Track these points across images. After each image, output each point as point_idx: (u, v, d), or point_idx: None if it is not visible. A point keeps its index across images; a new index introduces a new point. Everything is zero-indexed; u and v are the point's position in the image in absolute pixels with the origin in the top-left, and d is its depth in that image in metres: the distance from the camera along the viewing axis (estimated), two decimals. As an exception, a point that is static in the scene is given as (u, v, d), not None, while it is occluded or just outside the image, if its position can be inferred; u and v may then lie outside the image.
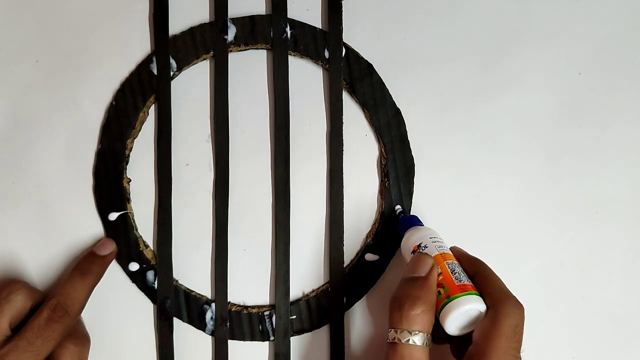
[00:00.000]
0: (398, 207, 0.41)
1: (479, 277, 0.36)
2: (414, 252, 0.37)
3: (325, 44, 0.42)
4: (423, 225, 0.40)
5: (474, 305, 0.34)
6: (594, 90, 0.43)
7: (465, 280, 0.35)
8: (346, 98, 0.42)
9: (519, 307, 0.34)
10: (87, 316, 0.41)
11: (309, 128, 0.42)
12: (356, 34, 0.42)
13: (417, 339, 0.33)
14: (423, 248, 0.37)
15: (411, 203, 0.42)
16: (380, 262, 0.42)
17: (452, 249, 0.38)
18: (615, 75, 0.43)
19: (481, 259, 0.37)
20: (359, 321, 0.42)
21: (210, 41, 0.42)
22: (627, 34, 0.43)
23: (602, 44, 0.43)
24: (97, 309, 0.41)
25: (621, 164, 0.42)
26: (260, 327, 0.41)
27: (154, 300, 0.41)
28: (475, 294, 0.34)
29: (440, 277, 0.35)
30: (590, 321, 0.42)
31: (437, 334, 0.35)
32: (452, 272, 0.35)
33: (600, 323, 0.42)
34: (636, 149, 0.43)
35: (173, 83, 0.42)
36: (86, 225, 0.42)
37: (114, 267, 0.41)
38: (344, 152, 0.42)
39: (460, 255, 0.37)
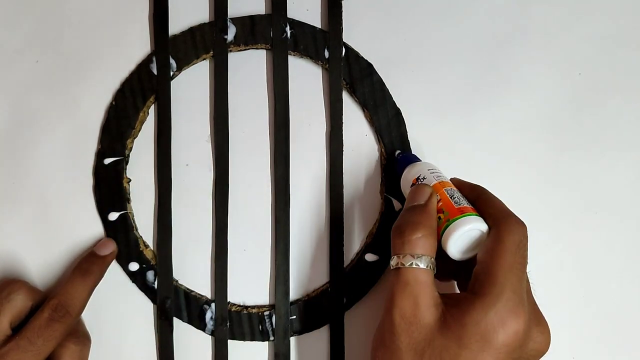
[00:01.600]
0: (398, 151, 0.41)
1: (479, 200, 0.35)
2: (413, 185, 0.37)
3: (325, 43, 0.42)
4: (421, 161, 0.39)
5: (474, 225, 0.33)
6: (594, 90, 0.43)
7: (465, 203, 0.34)
8: (346, 98, 0.42)
9: (521, 224, 0.33)
10: (88, 316, 0.41)
11: (309, 128, 0.42)
12: (356, 34, 0.42)
13: (421, 262, 0.32)
14: (421, 180, 0.37)
15: (411, 203, 0.42)
16: (380, 262, 0.42)
17: (452, 179, 0.38)
18: (615, 75, 0.43)
19: (482, 185, 0.36)
20: (359, 321, 0.42)
21: (210, 41, 0.42)
22: (627, 34, 0.43)
23: (602, 44, 0.43)
24: (97, 309, 0.41)
25: (621, 164, 0.42)
26: (260, 327, 0.41)
27: (154, 300, 0.42)
28: (475, 215, 0.34)
29: (440, 204, 0.35)
30: (590, 321, 0.42)
31: (442, 269, 0.35)
32: (451, 197, 0.35)
33: (600, 323, 0.42)
34: (636, 149, 0.42)
35: (173, 83, 0.42)
36: (86, 225, 0.42)
37: (114, 267, 0.41)
38: (344, 152, 0.42)
39: (460, 184, 0.37)
